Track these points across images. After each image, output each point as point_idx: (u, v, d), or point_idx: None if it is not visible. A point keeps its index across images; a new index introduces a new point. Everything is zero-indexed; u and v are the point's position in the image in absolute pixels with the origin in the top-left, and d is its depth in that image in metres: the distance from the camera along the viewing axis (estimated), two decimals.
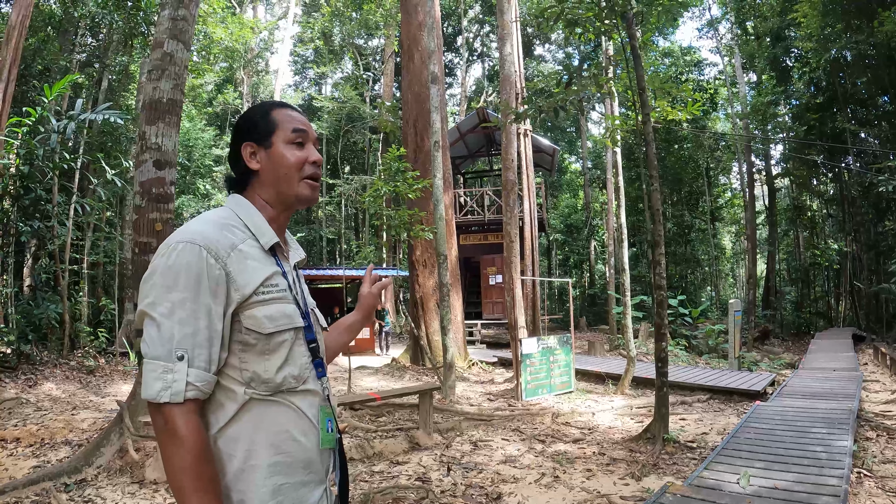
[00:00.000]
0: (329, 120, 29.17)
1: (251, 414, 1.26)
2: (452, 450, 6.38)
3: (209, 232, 1.27)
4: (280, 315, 1.31)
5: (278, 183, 1.42)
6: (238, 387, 1.26)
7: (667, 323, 6.16)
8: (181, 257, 1.21)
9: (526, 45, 30.71)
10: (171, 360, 1.18)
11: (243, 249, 1.30)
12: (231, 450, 1.24)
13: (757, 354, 14.51)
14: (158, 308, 1.19)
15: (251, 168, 1.43)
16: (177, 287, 1.20)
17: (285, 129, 1.44)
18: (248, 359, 1.27)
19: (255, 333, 1.27)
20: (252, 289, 1.27)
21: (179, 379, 1.17)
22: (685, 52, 27.50)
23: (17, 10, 9.51)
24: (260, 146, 1.42)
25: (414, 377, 11.92)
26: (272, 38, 30.74)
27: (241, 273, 1.27)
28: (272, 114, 1.45)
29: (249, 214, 1.39)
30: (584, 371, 10.94)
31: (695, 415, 7.68)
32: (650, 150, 6.29)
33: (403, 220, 10.84)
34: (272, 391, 1.28)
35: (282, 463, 1.27)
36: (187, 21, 7.04)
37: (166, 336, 1.18)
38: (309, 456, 1.32)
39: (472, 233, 21.56)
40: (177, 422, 1.16)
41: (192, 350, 1.19)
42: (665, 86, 6.31)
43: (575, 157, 36.22)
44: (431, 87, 10.37)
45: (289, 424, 1.30)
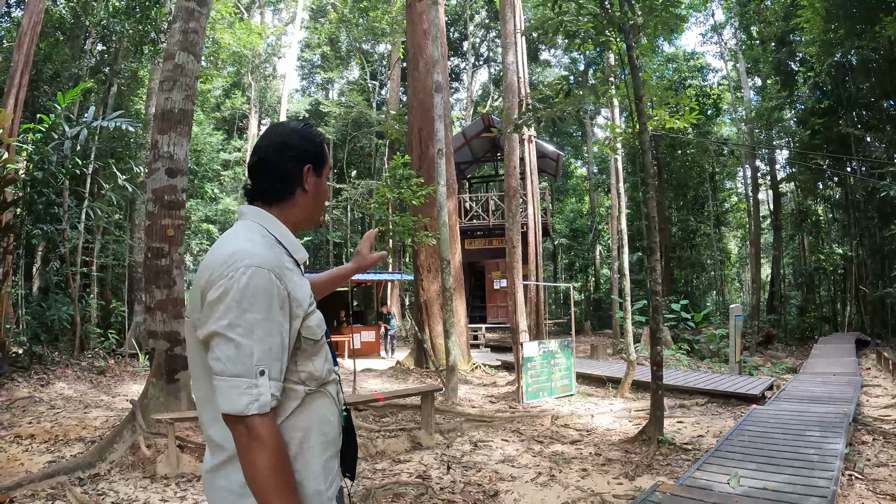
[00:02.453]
0: (336, 125, 29.37)
1: (306, 405, 1.44)
2: (453, 449, 6.53)
3: (267, 254, 1.39)
4: (321, 321, 1.51)
5: (314, 209, 1.61)
6: (298, 386, 1.43)
7: (662, 328, 6.29)
8: (253, 280, 1.32)
9: (532, 51, 30.85)
10: (254, 376, 1.30)
11: (289, 267, 1.45)
12: (289, 438, 1.40)
13: (759, 359, 14.58)
14: (237, 329, 1.30)
15: (304, 189, 1.57)
16: (252, 309, 1.31)
17: (329, 166, 1.65)
18: (303, 361, 1.44)
19: (310, 340, 1.45)
20: (308, 303, 1.44)
21: (265, 392, 1.30)
22: (689, 57, 27.55)
23: (28, 15, 9.74)
24: (315, 172, 1.58)
25: (418, 380, 12.07)
26: (280, 44, 31.00)
27: (296, 290, 1.41)
28: (324, 146, 1.64)
29: (282, 232, 1.52)
30: (585, 374, 11.07)
31: (692, 418, 7.81)
32: (646, 158, 6.43)
33: (408, 225, 11.02)
34: (320, 385, 1.48)
35: (325, 442, 1.47)
36: (197, 33, 7.24)
37: (247, 354, 1.30)
38: (337, 432, 1.54)
39: (478, 237, 21.72)
40: (262, 429, 1.29)
41: (271, 364, 1.32)
42: (663, 94, 6.45)
43: (581, 161, 36.33)
44: (435, 95, 10.55)
45: (328, 409, 1.50)
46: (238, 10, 27.03)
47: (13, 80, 9.54)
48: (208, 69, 20.92)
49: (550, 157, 21.30)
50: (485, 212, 21.09)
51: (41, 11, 9.96)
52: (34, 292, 12.19)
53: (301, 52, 33.68)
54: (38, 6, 9.82)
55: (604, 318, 26.52)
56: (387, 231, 11.35)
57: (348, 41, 31.51)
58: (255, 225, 1.51)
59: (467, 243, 21.74)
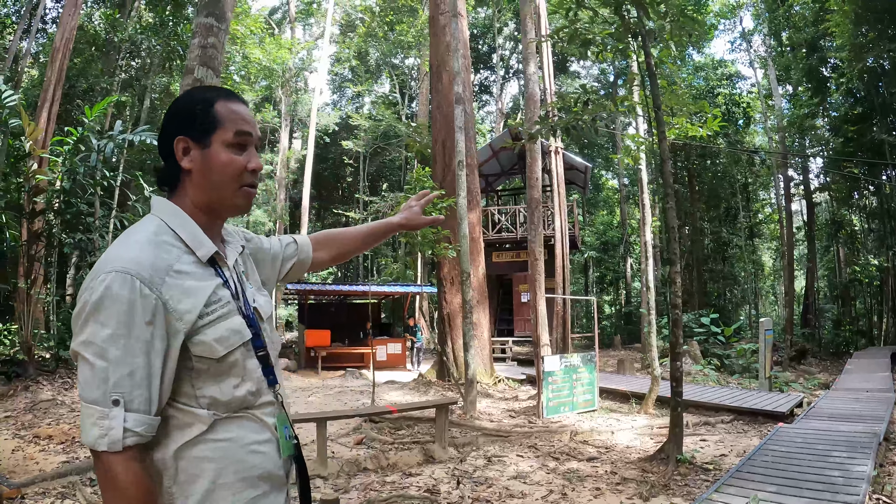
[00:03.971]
0: (365, 138, 29.65)
1: (218, 433, 1.21)
2: (466, 464, 6.41)
3: (140, 255, 1.16)
4: (229, 333, 1.24)
5: (211, 189, 1.30)
6: (200, 410, 1.20)
7: (692, 342, 6.09)
8: (111, 289, 1.11)
9: (561, 62, 30.75)
10: (107, 405, 1.08)
11: (180, 269, 1.20)
12: (198, 469, 1.18)
13: (791, 374, 14.08)
14: (91, 347, 1.10)
15: (183, 167, 1.29)
16: (109, 323, 1.10)
17: (228, 130, 1.29)
18: (203, 385, 1.21)
19: (207, 359, 1.20)
20: (196, 313, 1.19)
21: (116, 426, 1.08)
22: (717, 65, 27.04)
23: (60, 32, 10.06)
24: (196, 144, 1.28)
25: (439, 392, 11.96)
26: (310, 58, 31.49)
27: (182, 299, 1.18)
28: (216, 107, 1.30)
29: (183, 224, 1.27)
30: (609, 390, 10.82)
31: (716, 436, 7.53)
32: (666, 167, 6.27)
33: (428, 237, 10.96)
34: (233, 411, 1.24)
35: (250, 477, 1.24)
36: (216, 48, 7.32)
37: (100, 378, 1.09)
38: (273, 465, 1.29)
39: (506, 250, 21.59)
40: (116, 471, 1.09)
41: (130, 392, 1.10)
42: (682, 102, 6.29)
43: (611, 173, 35.96)
44: (456, 107, 10.51)
45: (254, 437, 1.26)
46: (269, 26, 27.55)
47: (46, 93, 9.83)
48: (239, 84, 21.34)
49: (579, 170, 21.10)
50: (513, 224, 20.93)
51: (73, 28, 10.27)
52: (66, 300, 12.47)
53: (331, 67, 34.15)
54: (71, 23, 10.13)
55: (634, 332, 26.07)
56: (414, 243, 11.29)
57: (378, 55, 31.85)
58: (153, 219, 1.28)
59: (495, 256, 21.62)
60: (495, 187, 25.55)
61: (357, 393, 12.20)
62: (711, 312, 16.48)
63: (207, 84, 7.50)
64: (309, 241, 1.74)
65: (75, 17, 10.29)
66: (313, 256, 1.73)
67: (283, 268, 1.66)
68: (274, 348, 1.43)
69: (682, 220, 25.94)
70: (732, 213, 26.55)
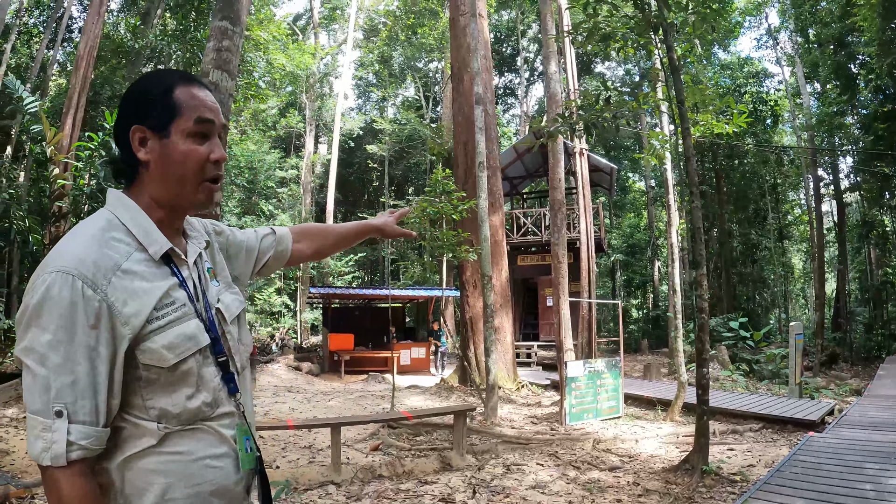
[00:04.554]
0: (389, 142, 29.70)
1: (169, 446, 1.13)
2: (484, 472, 6.23)
3: (85, 254, 1.07)
4: (181, 339, 1.14)
5: (171, 183, 1.19)
6: (149, 423, 1.12)
7: (708, 347, 5.83)
8: (51, 291, 1.03)
9: (585, 63, 30.43)
10: (50, 416, 1.01)
11: (129, 268, 1.10)
12: (146, 483, 1.10)
13: (822, 380, 13.60)
14: (32, 354, 1.03)
15: (140, 159, 1.18)
16: (49, 327, 1.02)
17: (188, 117, 1.19)
18: (153, 395, 1.12)
19: (157, 368, 1.11)
20: (144, 318, 1.10)
21: (59, 440, 1.01)
22: (744, 63, 26.42)
23: (84, 40, 10.20)
24: (154, 133, 1.18)
25: (460, 398, 11.80)
26: (335, 63, 31.69)
27: (128, 301, 1.08)
28: (175, 93, 1.19)
29: (134, 218, 1.17)
30: (634, 396, 10.53)
31: (744, 445, 7.23)
32: (690, 166, 6.03)
33: (449, 240, 10.81)
34: (186, 423, 1.15)
35: (202, 493, 1.15)
36: (231, 52, 7.29)
37: (42, 386, 1.02)
38: (228, 481, 1.20)
39: (531, 253, 21.34)
40: (61, 486, 1.02)
41: (74, 402, 1.02)
42: (707, 98, 6.05)
43: (638, 175, 35.47)
44: (476, 107, 10.36)
45: (209, 450, 1.17)
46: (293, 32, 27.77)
47: (70, 101, 9.96)
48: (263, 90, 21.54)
49: (604, 171, 20.76)
50: (538, 227, 20.67)
51: (97, 37, 10.41)
52: None
53: (355, 72, 34.34)
54: (94, 31, 10.27)
55: (662, 337, 25.62)
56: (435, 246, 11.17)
57: (401, 59, 31.92)
58: (104, 214, 1.17)
59: (520, 259, 21.40)
60: (520, 190, 25.32)
61: (378, 397, 12.10)
62: (740, 316, 16.04)
63: (223, 87, 7.47)
64: (289, 232, 1.65)
65: (98, 25, 10.41)
66: (293, 249, 1.64)
67: (260, 261, 1.57)
68: (241, 352, 1.33)
69: (710, 222, 25.40)
70: (761, 214, 25.91)
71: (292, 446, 7.42)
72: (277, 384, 14.46)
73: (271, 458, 6.67)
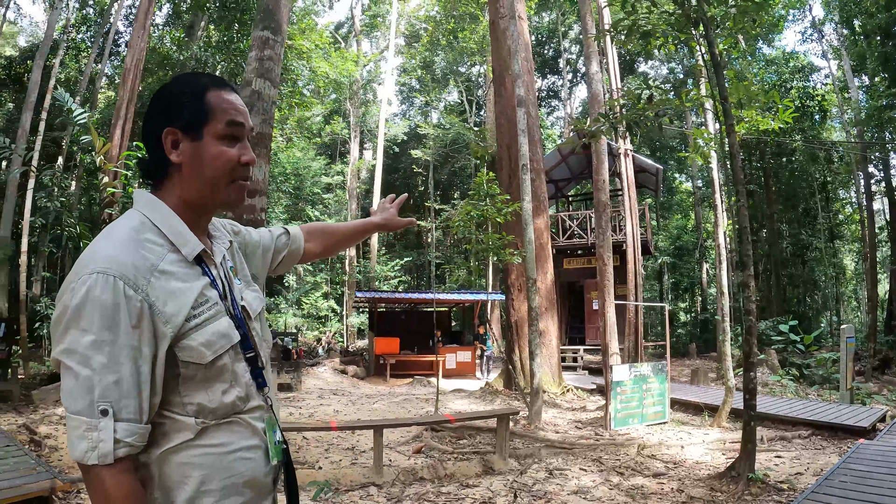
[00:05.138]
0: (434, 146, 29.84)
1: (206, 439, 1.16)
2: (526, 476, 6.18)
3: (122, 255, 1.09)
4: (217, 337, 1.17)
5: (202, 184, 1.22)
6: (187, 419, 1.15)
7: (756, 351, 5.65)
8: (92, 292, 1.04)
9: (628, 63, 29.97)
10: (94, 416, 1.03)
11: (165, 269, 1.13)
12: (183, 476, 1.13)
13: (874, 385, 12.98)
14: (73, 356, 1.04)
15: (172, 161, 1.21)
16: (91, 329, 1.03)
17: (220, 121, 1.22)
18: (190, 392, 1.15)
19: (195, 365, 1.14)
20: (183, 316, 1.12)
21: (106, 438, 1.02)
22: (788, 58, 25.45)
23: (131, 54, 10.61)
24: (186, 136, 1.21)
25: (505, 402, 11.74)
26: (378, 69, 32.03)
27: (168, 301, 1.11)
28: (207, 96, 1.22)
29: (167, 220, 1.19)
30: (681, 401, 10.28)
31: (792, 452, 6.97)
32: (735, 164, 5.87)
33: (493, 243, 10.78)
34: (222, 417, 1.18)
35: (236, 484, 1.18)
36: (273, 60, 7.48)
37: (85, 387, 1.03)
38: (259, 472, 1.24)
39: (577, 256, 21.11)
40: (108, 485, 1.03)
41: (119, 401, 1.04)
42: (751, 94, 5.86)
43: (685, 175, 34.64)
44: (518, 110, 10.31)
45: (242, 443, 1.21)
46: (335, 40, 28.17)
47: (119, 112, 10.37)
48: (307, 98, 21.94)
49: (650, 172, 20.37)
50: (584, 230, 20.42)
51: (143, 50, 10.82)
52: None
53: (398, 78, 34.65)
54: (140, 45, 10.67)
55: (710, 340, 24.89)
56: (479, 249, 11.16)
57: (443, 64, 32.05)
58: (135, 215, 1.19)
59: (566, 262, 21.20)
60: (566, 192, 25.10)
61: (422, 401, 12.15)
62: (790, 319, 15.47)
63: (265, 95, 7.66)
64: (301, 231, 1.71)
65: (143, 39, 10.83)
66: (305, 247, 1.71)
67: (275, 259, 1.64)
68: (264, 348, 1.37)
69: (759, 223, 24.60)
70: (811, 213, 24.91)
71: (335, 448, 7.51)
72: (323, 387, 14.67)
73: (314, 459, 6.77)
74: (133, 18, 13.25)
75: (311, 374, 16.50)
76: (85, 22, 18.10)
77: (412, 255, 32.63)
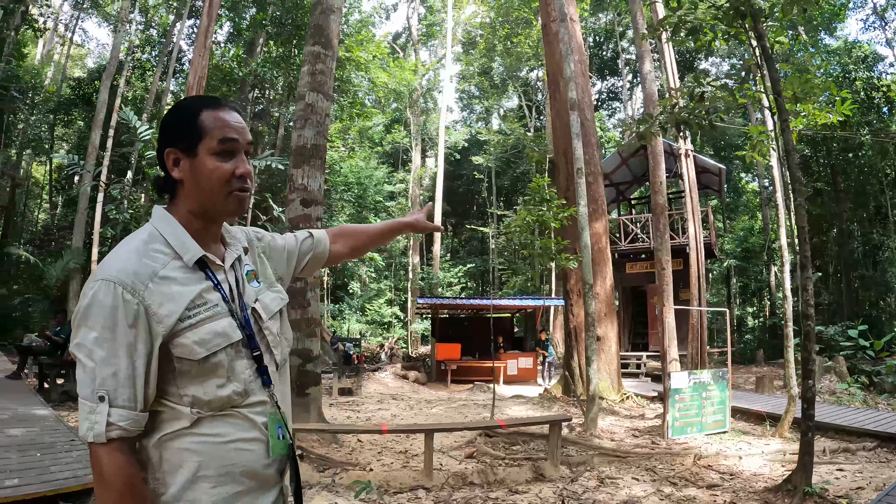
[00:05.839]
0: (494, 152, 29.84)
1: (202, 428, 1.26)
2: (576, 484, 6.10)
3: (126, 264, 1.23)
4: (212, 336, 1.27)
5: (202, 196, 1.34)
6: (183, 408, 1.26)
7: (815, 358, 5.40)
8: (97, 296, 1.19)
9: (688, 61, 29.09)
10: (94, 401, 1.18)
11: (166, 275, 1.26)
12: (180, 460, 1.24)
13: None
14: (82, 349, 1.19)
15: (175, 178, 1.35)
16: (95, 327, 1.18)
17: (213, 138, 1.32)
18: (186, 384, 1.26)
19: (188, 361, 1.25)
20: (176, 317, 1.24)
21: (100, 420, 1.16)
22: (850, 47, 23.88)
23: (193, 71, 11.14)
24: (184, 154, 1.33)
25: (562, 408, 11.59)
26: (437, 78, 32.32)
27: (163, 303, 1.23)
28: (200, 117, 1.33)
29: (173, 231, 1.32)
30: (743, 409, 9.87)
31: (855, 465, 6.57)
32: (791, 160, 5.64)
33: (549, 248, 10.69)
34: (218, 409, 1.28)
35: (233, 472, 1.28)
36: (325, 74, 7.69)
37: (90, 377, 1.18)
38: (259, 464, 1.32)
39: (640, 261, 20.62)
40: (102, 461, 1.17)
41: (115, 390, 1.18)
42: (807, 86, 5.59)
43: (751, 175, 33.18)
44: (571, 113, 10.21)
45: (240, 434, 1.30)
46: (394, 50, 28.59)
47: None
48: (367, 108, 22.36)
49: (712, 173, 19.66)
50: (646, 234, 19.93)
51: (204, 68, 11.34)
52: None
53: (457, 85, 34.83)
54: (201, 63, 11.19)
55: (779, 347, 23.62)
56: (535, 254, 11.09)
57: (503, 69, 32.02)
58: (147, 228, 1.34)
59: (628, 267, 20.75)
60: (627, 196, 24.53)
61: (480, 406, 12.15)
62: (860, 324, 14.56)
63: (319, 108, 7.90)
64: (326, 234, 1.79)
65: (205, 57, 11.35)
66: (331, 249, 1.78)
67: (301, 262, 1.72)
68: (283, 346, 1.47)
69: (827, 222, 23.31)
70: (882, 212, 23.31)
71: (388, 451, 7.62)
72: (383, 392, 14.89)
73: (367, 461, 6.89)
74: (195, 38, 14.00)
75: (373, 379, 16.77)
76: (149, 42, 19.12)
77: (476, 261, 32.68)
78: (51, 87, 22.16)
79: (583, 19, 27.56)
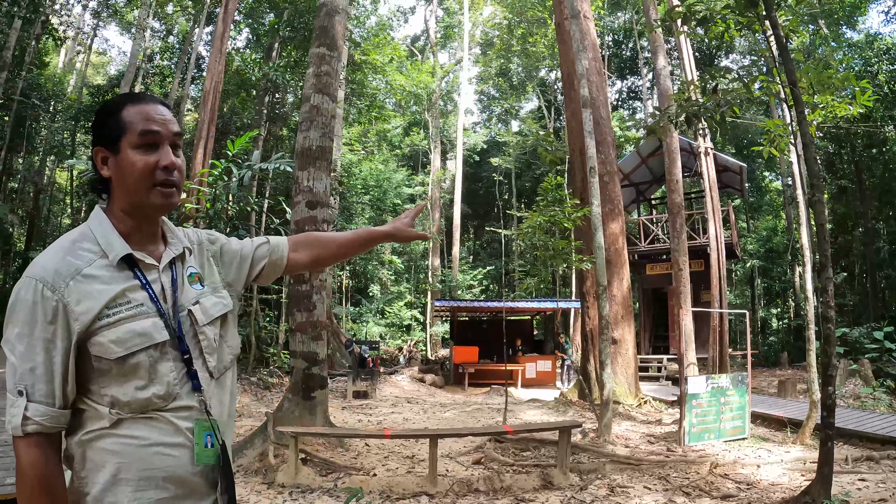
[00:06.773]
0: (514, 154, 29.62)
1: (121, 430, 1.24)
2: (585, 493, 5.91)
3: (50, 262, 1.23)
4: (130, 336, 1.25)
5: (128, 192, 1.32)
6: (103, 408, 1.24)
7: (834, 362, 5.14)
8: (20, 293, 1.21)
9: (708, 56, 28.52)
10: (14, 395, 1.20)
11: (90, 273, 1.25)
12: (101, 460, 1.23)
13: None
14: (7, 344, 1.21)
15: (103, 176, 1.34)
16: (17, 323, 1.20)
17: (133, 132, 1.31)
18: (106, 383, 1.25)
19: (106, 360, 1.24)
20: (93, 315, 1.22)
21: (17, 414, 1.18)
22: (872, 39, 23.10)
23: (209, 77, 11.20)
24: (110, 152, 1.32)
25: (577, 413, 11.36)
26: (456, 79, 32.23)
27: (81, 300, 1.22)
28: (122, 113, 1.32)
29: (102, 229, 1.31)
30: (763, 415, 9.55)
31: (878, 475, 6.25)
32: (809, 154, 5.38)
33: (562, 249, 10.49)
34: (138, 412, 1.25)
35: (155, 477, 1.25)
36: (330, 76, 7.61)
37: (11, 371, 1.20)
38: (186, 470, 1.29)
39: (660, 262, 20.22)
40: (19, 454, 1.20)
41: (33, 385, 1.19)
42: (824, 77, 5.33)
43: (774, 173, 32.35)
44: (584, 111, 9.99)
45: (162, 439, 1.27)
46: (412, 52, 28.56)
47: (200, 132, 10.97)
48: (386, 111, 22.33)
49: (733, 171, 19.15)
50: (667, 234, 19.53)
51: (220, 73, 11.41)
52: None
53: (476, 87, 34.71)
54: (218, 69, 11.25)
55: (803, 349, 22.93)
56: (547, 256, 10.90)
57: (521, 70, 31.81)
58: (83, 226, 1.35)
59: (648, 268, 20.40)
60: (648, 196, 24.13)
61: (495, 410, 11.96)
62: (886, 325, 14.04)
63: (324, 109, 7.81)
64: (286, 241, 1.71)
65: (221, 63, 11.42)
66: (290, 257, 1.70)
67: (254, 269, 1.64)
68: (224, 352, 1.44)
69: (852, 221, 22.59)
70: None
71: (395, 455, 7.49)
72: (399, 395, 14.77)
73: (371, 466, 6.77)
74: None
75: (389, 382, 16.68)
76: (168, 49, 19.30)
77: (496, 263, 32.47)
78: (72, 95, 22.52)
79: (600, 17, 27.22)
